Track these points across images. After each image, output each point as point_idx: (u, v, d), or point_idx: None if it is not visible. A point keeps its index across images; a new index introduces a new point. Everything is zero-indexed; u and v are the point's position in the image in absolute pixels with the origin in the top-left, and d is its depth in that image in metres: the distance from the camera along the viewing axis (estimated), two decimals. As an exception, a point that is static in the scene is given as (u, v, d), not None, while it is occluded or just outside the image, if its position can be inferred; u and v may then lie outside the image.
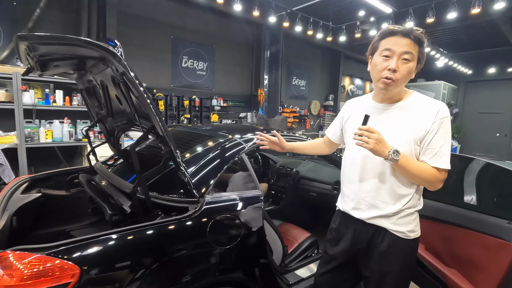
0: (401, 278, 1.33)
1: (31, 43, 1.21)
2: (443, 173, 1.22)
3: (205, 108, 6.06)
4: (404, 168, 1.19)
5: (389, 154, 1.15)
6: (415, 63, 1.21)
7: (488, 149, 10.68)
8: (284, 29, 6.47)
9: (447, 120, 1.20)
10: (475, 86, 11.19)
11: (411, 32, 1.18)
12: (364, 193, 1.33)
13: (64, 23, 4.36)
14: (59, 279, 1.01)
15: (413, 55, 1.19)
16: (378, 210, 1.30)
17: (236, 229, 1.48)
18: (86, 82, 1.94)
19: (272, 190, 3.20)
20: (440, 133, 1.20)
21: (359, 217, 1.35)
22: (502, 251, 1.46)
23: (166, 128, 1.30)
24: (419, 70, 1.26)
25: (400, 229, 1.29)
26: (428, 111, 1.21)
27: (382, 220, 1.30)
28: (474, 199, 1.69)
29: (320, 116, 8.71)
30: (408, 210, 1.29)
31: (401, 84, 1.24)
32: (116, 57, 1.13)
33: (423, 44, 1.20)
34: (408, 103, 1.27)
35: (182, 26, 5.65)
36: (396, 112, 1.28)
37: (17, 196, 1.91)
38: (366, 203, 1.33)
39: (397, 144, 1.21)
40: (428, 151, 1.21)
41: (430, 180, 1.21)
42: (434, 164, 1.20)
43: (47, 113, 3.89)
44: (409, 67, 1.19)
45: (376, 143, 1.15)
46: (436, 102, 1.24)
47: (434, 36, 7.99)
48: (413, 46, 1.19)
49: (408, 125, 1.23)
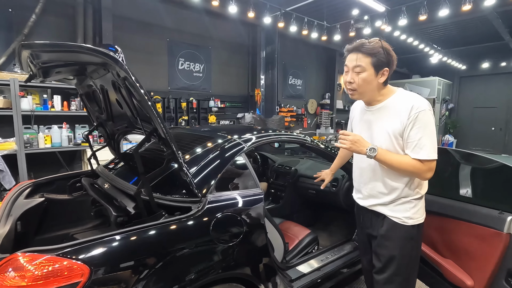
0: (402, 262, 1.46)
1: (34, 51, 1.25)
2: (427, 163, 1.32)
3: (203, 109, 6.09)
4: (383, 161, 1.38)
5: (367, 151, 1.36)
6: (369, 72, 1.37)
7: (484, 143, 10.80)
8: (279, 29, 6.52)
9: (423, 113, 1.32)
10: (469, 81, 11.32)
11: (360, 47, 1.37)
12: (364, 185, 1.58)
13: (60, 28, 4.38)
14: (69, 279, 1.04)
15: (363, 67, 1.37)
16: (376, 199, 1.52)
17: (238, 227, 1.52)
18: (86, 87, 1.97)
19: (271, 188, 3.24)
20: (416, 127, 1.32)
21: (363, 204, 1.61)
22: (495, 240, 1.51)
23: (168, 130, 1.34)
24: (389, 72, 1.40)
25: (396, 215, 1.46)
26: (404, 108, 1.36)
27: (381, 207, 1.51)
28: (468, 191, 1.74)
29: (317, 115, 8.77)
30: (404, 199, 1.45)
31: (364, 91, 1.42)
32: (118, 63, 1.17)
33: (375, 54, 1.35)
34: (388, 103, 1.44)
35: (177, 29, 5.67)
36: (378, 112, 1.47)
37: (20, 201, 1.94)
38: (366, 193, 1.57)
39: (379, 139, 1.44)
40: (408, 144, 1.36)
41: (412, 171, 1.35)
42: (415, 156, 1.33)
43: (45, 119, 3.90)
44: (362, 77, 1.38)
45: (351, 143, 1.38)
46: (413, 99, 1.37)
47: (428, 33, 8.08)
48: (363, 59, 1.36)
49: (386, 122, 1.42)
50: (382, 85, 1.42)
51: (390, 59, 1.38)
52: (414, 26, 6.90)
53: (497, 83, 10.63)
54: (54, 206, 2.12)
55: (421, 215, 1.48)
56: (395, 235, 1.46)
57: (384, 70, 1.38)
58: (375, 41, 1.37)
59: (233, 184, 2.14)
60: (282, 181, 3.13)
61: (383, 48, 1.35)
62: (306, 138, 2.27)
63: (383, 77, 1.39)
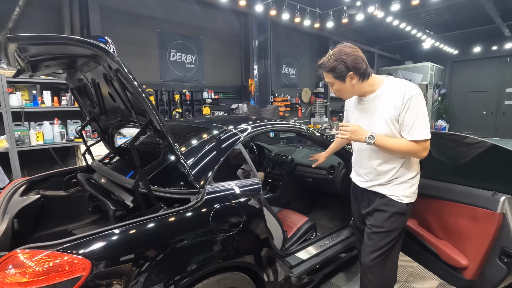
0: (391, 234, 1.62)
1: (22, 44, 1.21)
2: (422, 143, 1.46)
3: (196, 101, 6.02)
4: (382, 146, 1.51)
5: (366, 139, 1.48)
6: (337, 83, 1.52)
7: (475, 127, 10.95)
8: (271, 17, 6.42)
9: (414, 98, 1.44)
10: (461, 66, 11.37)
11: (321, 68, 1.53)
12: (363, 169, 1.71)
13: (46, 21, 4.24)
14: (71, 273, 1.04)
15: (331, 82, 1.54)
16: (375, 181, 1.66)
17: (237, 217, 1.53)
18: (76, 81, 1.93)
19: (268, 178, 3.25)
20: (410, 111, 1.45)
21: (362, 186, 1.74)
22: (489, 220, 1.55)
23: (164, 122, 1.33)
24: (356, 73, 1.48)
25: (394, 193, 1.60)
26: (396, 95, 1.48)
27: (380, 187, 1.65)
28: (463, 174, 1.77)
29: (311, 104, 8.76)
30: (401, 179, 1.60)
31: (346, 95, 1.60)
32: (109, 55, 1.14)
33: (332, 69, 1.48)
34: (381, 92, 1.55)
35: (167, 19, 5.54)
36: (373, 101, 1.58)
37: (16, 199, 1.92)
38: (366, 176, 1.70)
39: (378, 126, 1.55)
40: (404, 127, 1.48)
41: (409, 151, 1.49)
42: (411, 137, 1.46)
43: (36, 115, 3.82)
44: (335, 89, 1.57)
45: (351, 133, 1.51)
46: (404, 86, 1.49)
47: (420, 17, 8.05)
48: (327, 75, 1.53)
49: (382, 110, 1.53)
50: (360, 82, 1.51)
51: (349, 64, 1.45)
52: (407, 11, 6.87)
53: (488, 67, 10.71)
54: (51, 203, 2.10)
55: (416, 194, 1.65)
56: (390, 209, 1.61)
57: (349, 75, 1.47)
58: (328, 58, 1.49)
59: (231, 174, 2.14)
60: (279, 171, 3.14)
61: (336, 61, 1.45)
62: (302, 127, 2.28)
63: (354, 79, 1.49)
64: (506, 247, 1.51)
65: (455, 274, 1.76)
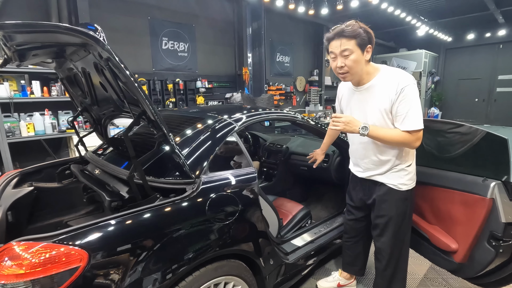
0: (397, 222, 1.67)
1: (7, 32, 1.16)
2: (415, 133, 1.47)
3: (190, 90, 5.94)
4: (376, 137, 1.51)
5: (359, 130, 1.48)
6: (357, 53, 1.46)
7: (467, 114, 11.09)
8: (265, 4, 6.29)
9: (408, 88, 1.45)
10: (454, 53, 11.40)
11: (342, 32, 1.45)
12: (361, 160, 1.74)
13: (32, 8, 4.09)
14: (68, 264, 1.04)
15: (351, 49, 1.45)
16: (373, 171, 1.70)
17: (233, 206, 1.55)
18: (66, 71, 1.88)
19: (264, 167, 3.27)
20: (404, 101, 1.45)
21: (361, 176, 1.77)
22: (479, 205, 1.59)
23: (157, 111, 1.31)
24: (372, 48, 1.50)
25: (392, 182, 1.65)
26: (390, 85, 1.48)
27: (378, 176, 1.68)
28: (455, 161, 1.80)
29: (306, 92, 8.72)
30: (398, 167, 1.63)
31: (356, 72, 1.50)
32: (99, 43, 1.11)
33: (357, 35, 1.43)
34: (375, 82, 1.55)
35: (158, 6, 5.39)
36: (367, 91, 1.58)
37: (9, 191, 1.90)
38: (364, 166, 1.73)
39: (372, 117, 1.55)
40: (397, 118, 1.49)
41: (403, 142, 1.50)
42: (404, 128, 1.47)
43: (26, 106, 3.74)
44: (352, 59, 1.46)
45: (344, 124, 1.50)
46: (397, 75, 1.49)
47: (415, 4, 7.97)
48: (348, 42, 1.44)
49: (377, 100, 1.53)
50: (368, 62, 1.53)
51: (370, 36, 1.48)
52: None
53: (481, 55, 10.76)
54: (45, 195, 2.08)
55: (413, 181, 1.69)
56: (391, 198, 1.66)
57: (367, 48, 1.48)
58: (353, 23, 1.46)
59: (226, 164, 2.14)
60: (274, 159, 3.16)
61: (362, 28, 1.45)
62: (297, 116, 2.27)
63: (368, 54, 1.50)
64: (494, 231, 1.55)
65: (445, 257, 1.81)
